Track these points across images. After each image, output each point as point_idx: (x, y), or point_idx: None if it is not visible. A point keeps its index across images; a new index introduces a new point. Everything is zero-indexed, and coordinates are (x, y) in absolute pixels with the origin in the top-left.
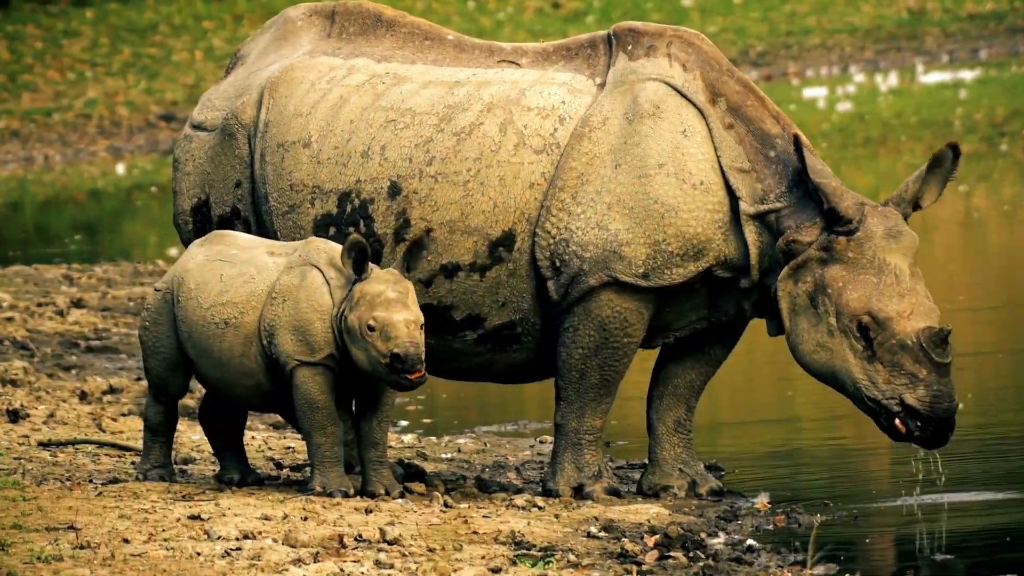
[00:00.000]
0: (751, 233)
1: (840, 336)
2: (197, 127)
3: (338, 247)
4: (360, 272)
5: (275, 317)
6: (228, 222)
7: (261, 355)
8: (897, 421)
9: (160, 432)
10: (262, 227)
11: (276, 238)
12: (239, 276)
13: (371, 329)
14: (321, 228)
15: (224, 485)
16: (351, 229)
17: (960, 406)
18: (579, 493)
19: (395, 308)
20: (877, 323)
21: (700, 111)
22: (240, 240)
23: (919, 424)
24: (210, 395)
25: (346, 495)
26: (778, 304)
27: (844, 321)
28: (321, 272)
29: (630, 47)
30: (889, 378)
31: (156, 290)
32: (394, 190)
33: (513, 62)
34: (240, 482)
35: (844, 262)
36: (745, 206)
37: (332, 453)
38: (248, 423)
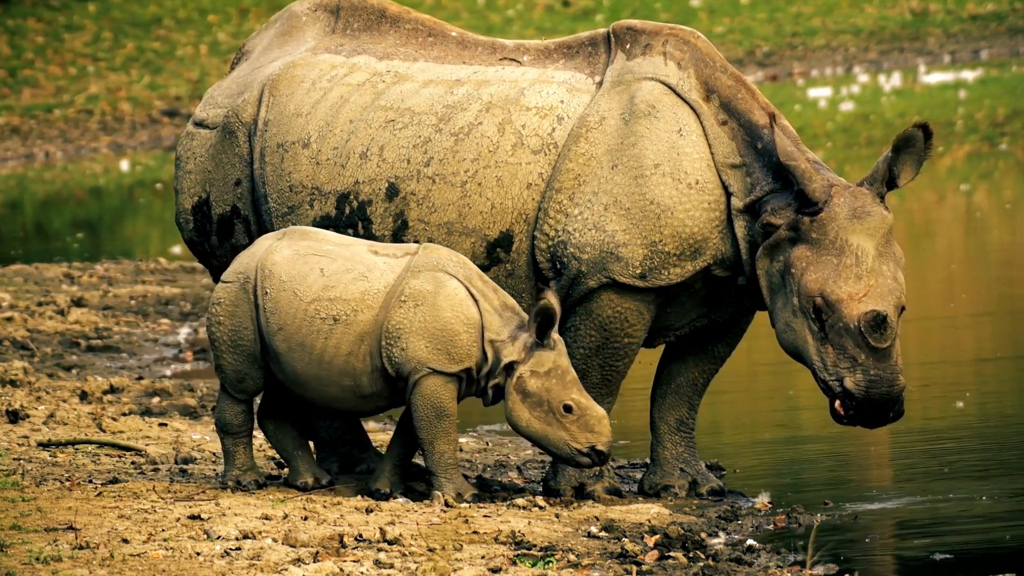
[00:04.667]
0: (741, 228)
1: (801, 317)
2: (199, 124)
3: (468, 262)
4: (542, 337)
5: (405, 321)
6: (228, 221)
7: (372, 356)
8: (836, 403)
9: (241, 433)
10: (262, 227)
11: None
12: (346, 272)
13: (568, 411)
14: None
15: (299, 491)
16: (349, 231)
17: (960, 405)
18: (580, 492)
19: (588, 396)
20: (828, 305)
21: (694, 110)
22: (329, 236)
23: (854, 405)
24: (284, 393)
25: (477, 498)
26: (759, 283)
27: (803, 302)
28: (464, 285)
29: (628, 45)
30: (836, 360)
31: (225, 282)
32: (392, 191)
33: (515, 60)
34: (315, 485)
35: (808, 242)
36: (736, 201)
37: (455, 460)
38: None
